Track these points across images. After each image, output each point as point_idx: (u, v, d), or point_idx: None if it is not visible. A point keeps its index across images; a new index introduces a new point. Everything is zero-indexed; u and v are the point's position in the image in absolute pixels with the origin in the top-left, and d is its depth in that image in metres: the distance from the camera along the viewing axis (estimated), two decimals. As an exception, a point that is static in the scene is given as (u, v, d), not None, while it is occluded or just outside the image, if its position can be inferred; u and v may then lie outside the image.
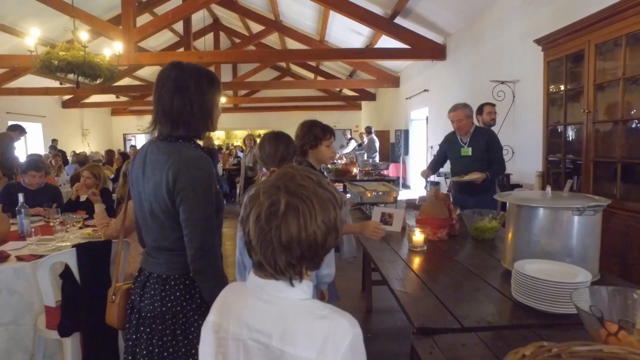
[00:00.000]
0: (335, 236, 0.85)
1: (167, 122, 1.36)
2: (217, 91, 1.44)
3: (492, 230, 2.25)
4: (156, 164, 1.33)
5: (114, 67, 5.65)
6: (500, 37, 5.77)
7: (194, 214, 1.30)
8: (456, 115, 3.76)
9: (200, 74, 1.39)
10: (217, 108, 1.45)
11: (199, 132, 1.41)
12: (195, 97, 1.36)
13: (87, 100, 14.82)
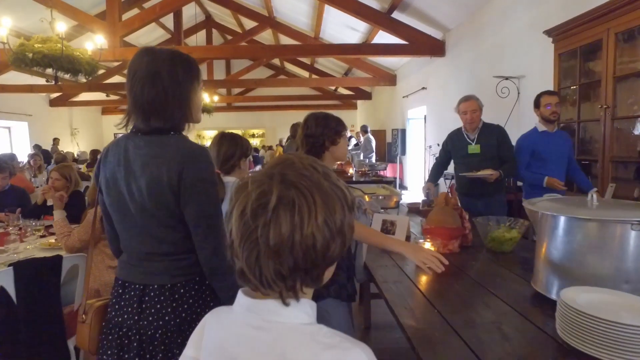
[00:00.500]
0: (340, 244, 0.67)
1: (139, 114, 1.23)
2: (195, 78, 1.29)
3: (512, 241, 1.95)
4: (149, 158, 1.20)
5: (94, 62, 5.30)
6: (503, 30, 5.49)
7: (207, 211, 1.19)
8: (470, 106, 3.39)
9: (173, 59, 1.24)
10: (196, 96, 1.29)
11: (175, 124, 1.25)
12: (169, 84, 1.22)
13: (76, 98, 14.42)
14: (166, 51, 1.26)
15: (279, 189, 0.63)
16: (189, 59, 1.29)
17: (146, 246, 1.25)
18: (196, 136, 18.09)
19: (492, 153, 3.31)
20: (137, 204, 1.21)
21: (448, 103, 7.55)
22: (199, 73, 1.31)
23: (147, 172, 1.19)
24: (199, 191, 1.19)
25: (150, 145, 1.22)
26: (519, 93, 5.17)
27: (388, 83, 11.26)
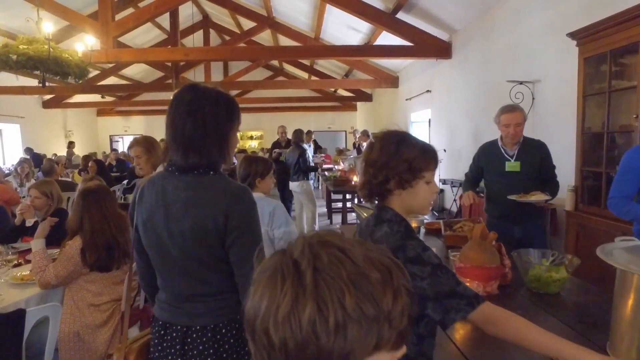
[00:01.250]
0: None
1: (179, 149, 1.23)
2: (234, 119, 1.31)
3: (560, 282, 1.66)
4: (191, 200, 1.20)
5: (84, 64, 5.00)
6: (516, 31, 5.22)
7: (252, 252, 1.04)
8: (515, 118, 2.92)
9: (217, 98, 1.27)
10: (233, 137, 1.31)
11: (212, 161, 1.25)
12: (210, 122, 1.24)
13: (70, 100, 14.09)
14: (211, 90, 1.28)
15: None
16: (231, 101, 1.31)
17: (188, 287, 1.25)
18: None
19: (533, 172, 2.87)
20: (178, 247, 1.20)
21: (454, 107, 7.29)
22: (238, 116, 1.31)
23: (191, 215, 1.18)
24: (245, 232, 1.19)
25: (191, 187, 1.21)
26: (534, 98, 4.90)
27: (390, 85, 10.99)
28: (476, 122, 6.48)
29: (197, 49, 8.15)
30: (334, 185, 5.51)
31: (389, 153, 1.22)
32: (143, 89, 14.28)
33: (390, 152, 1.22)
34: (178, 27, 10.15)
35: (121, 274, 2.18)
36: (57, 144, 14.38)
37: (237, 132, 1.34)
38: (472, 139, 6.65)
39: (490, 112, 6.10)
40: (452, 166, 7.41)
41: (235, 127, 1.31)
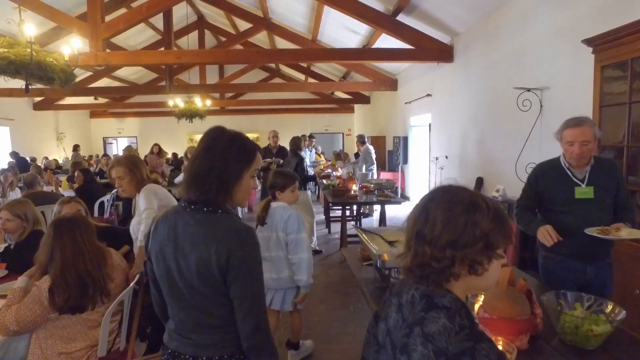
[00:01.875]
0: None
1: (184, 183, 1.32)
2: (246, 163, 1.33)
3: (601, 337, 1.43)
4: (197, 237, 1.25)
5: (70, 69, 4.75)
6: (523, 36, 5.00)
7: (250, 291, 1.26)
8: (582, 134, 2.26)
9: (232, 139, 1.33)
10: (243, 181, 1.32)
11: (210, 199, 1.28)
12: (218, 161, 1.28)
13: (61, 102, 13.78)
14: (231, 132, 1.34)
15: None
16: (247, 144, 1.34)
17: (194, 319, 1.30)
18: (188, 140, 17.51)
19: (608, 199, 2.33)
20: (185, 280, 1.25)
21: (456, 112, 7.08)
22: (253, 160, 1.33)
23: (196, 251, 1.23)
24: (245, 272, 1.23)
25: (199, 224, 1.25)
26: (542, 106, 4.68)
27: (389, 88, 10.78)
28: (480, 128, 6.27)
29: (190, 52, 7.90)
30: (332, 196, 5.26)
31: (456, 227, 0.93)
32: (136, 92, 13.99)
33: (459, 225, 0.93)
34: (172, 28, 9.89)
35: (97, 316, 1.94)
36: (48, 147, 14.08)
37: (252, 176, 1.35)
38: (475, 146, 6.44)
39: (494, 118, 5.92)
40: (453, 173, 7.19)
41: (248, 170, 1.32)
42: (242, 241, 1.24)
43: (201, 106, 11.44)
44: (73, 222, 1.95)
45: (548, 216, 2.43)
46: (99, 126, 17.64)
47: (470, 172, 6.54)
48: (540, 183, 2.47)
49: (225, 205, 1.31)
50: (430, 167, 8.42)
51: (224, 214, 1.29)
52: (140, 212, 2.35)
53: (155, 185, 2.50)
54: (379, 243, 2.27)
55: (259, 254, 1.29)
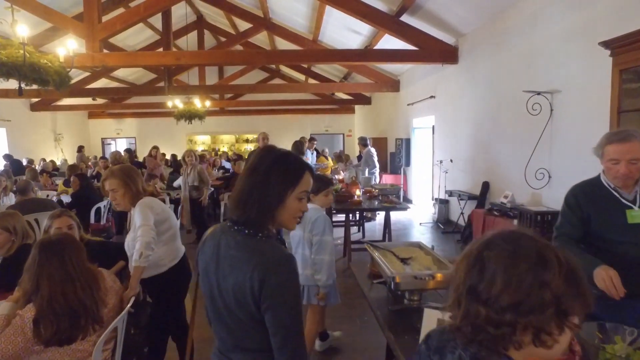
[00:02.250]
0: None
1: (230, 203, 1.30)
2: (290, 184, 1.26)
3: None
4: (235, 261, 1.22)
5: (65, 71, 4.59)
6: (532, 37, 4.86)
7: (285, 322, 1.20)
8: (630, 151, 1.88)
9: (277, 159, 1.28)
10: (287, 203, 1.25)
11: (250, 219, 1.23)
12: (260, 181, 1.24)
13: (59, 102, 13.61)
14: (277, 152, 1.30)
15: None
16: (293, 165, 1.28)
17: (233, 339, 1.29)
18: (187, 141, 17.36)
19: None
20: (224, 301, 1.24)
21: (461, 114, 6.94)
22: (298, 181, 1.27)
23: (234, 274, 1.22)
24: (279, 302, 1.18)
25: (237, 247, 1.24)
26: (552, 110, 4.54)
27: (391, 89, 10.63)
28: (486, 131, 6.13)
29: (189, 53, 7.74)
30: (336, 202, 5.09)
31: (520, 288, 0.76)
32: (134, 93, 13.83)
33: (523, 286, 0.75)
34: (171, 28, 9.72)
35: (88, 346, 1.76)
36: (45, 148, 13.92)
37: (300, 198, 1.27)
38: (481, 149, 6.30)
39: (501, 121, 5.77)
40: (458, 177, 7.05)
41: (292, 191, 1.25)
42: (277, 269, 1.19)
43: (200, 107, 11.27)
44: (61, 245, 1.79)
45: (598, 248, 2.01)
46: (97, 127, 17.48)
47: (476, 176, 6.39)
48: (583, 207, 2.05)
49: (268, 228, 1.26)
50: (433, 170, 8.28)
51: (264, 239, 1.24)
52: (136, 228, 2.19)
53: (152, 199, 2.35)
54: (391, 261, 2.12)
55: (295, 284, 1.22)
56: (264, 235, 1.25)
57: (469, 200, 6.31)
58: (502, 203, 4.77)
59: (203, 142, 17.83)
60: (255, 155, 1.30)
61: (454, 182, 7.16)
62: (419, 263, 2.14)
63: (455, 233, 6.70)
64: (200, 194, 6.14)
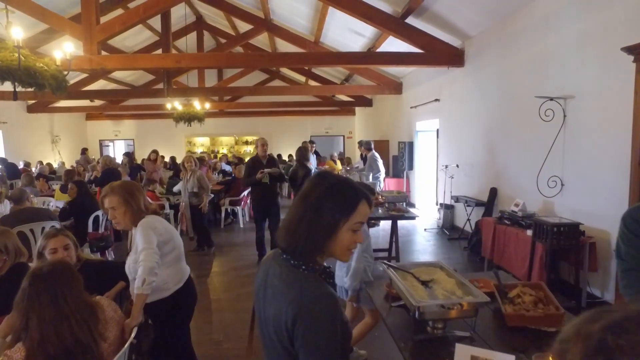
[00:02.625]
0: None
1: (280, 230, 1.24)
2: (344, 215, 1.16)
3: None
4: (277, 291, 1.19)
5: (62, 75, 4.43)
6: (544, 40, 4.72)
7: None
8: None
9: (331, 187, 1.20)
10: (339, 234, 1.16)
11: (299, 250, 1.17)
12: (310, 208, 1.17)
13: (56, 104, 13.43)
14: (332, 179, 1.22)
15: None
16: (348, 194, 1.19)
17: None
18: (186, 143, 17.19)
19: None
20: (267, 329, 1.22)
21: (467, 118, 6.80)
22: (352, 212, 1.18)
23: (274, 305, 1.18)
24: (310, 344, 1.10)
25: (281, 278, 1.19)
26: (565, 116, 4.40)
27: (393, 91, 10.49)
28: (493, 136, 5.99)
29: (189, 55, 7.58)
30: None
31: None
32: (132, 95, 13.66)
33: None
34: (170, 29, 9.57)
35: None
36: (43, 151, 13.73)
37: (354, 230, 1.18)
38: (488, 155, 6.16)
39: (510, 127, 5.63)
40: (464, 182, 6.91)
41: (345, 222, 1.16)
42: (312, 308, 1.10)
43: (200, 109, 11.11)
44: (53, 279, 1.61)
45: None
46: (96, 129, 17.29)
47: (484, 182, 6.25)
48: None
49: (315, 260, 1.19)
50: (438, 174, 8.14)
51: (306, 272, 1.17)
52: (138, 250, 2.04)
53: (154, 218, 2.19)
54: (412, 285, 1.97)
55: (329, 327, 1.11)
56: (308, 268, 1.18)
57: (476, 207, 6.17)
58: (513, 212, 4.63)
59: (202, 143, 17.66)
60: (308, 182, 1.24)
61: (459, 187, 7.02)
62: (441, 287, 1.99)
63: (461, 240, 6.56)
64: (200, 201, 5.98)
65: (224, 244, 6.75)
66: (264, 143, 5.71)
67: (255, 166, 5.53)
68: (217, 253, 6.24)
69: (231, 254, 6.21)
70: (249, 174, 5.55)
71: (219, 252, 6.28)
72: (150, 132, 16.95)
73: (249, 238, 7.26)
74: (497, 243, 4.68)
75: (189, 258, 5.98)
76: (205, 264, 5.75)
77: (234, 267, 5.61)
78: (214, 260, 5.94)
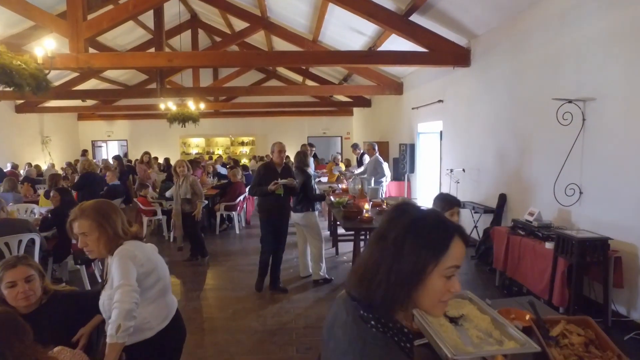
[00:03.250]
0: None
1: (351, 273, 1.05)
2: (432, 254, 0.93)
3: None
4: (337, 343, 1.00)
5: (42, 73, 4.09)
6: (560, 39, 4.43)
7: None
8: None
9: (412, 220, 0.97)
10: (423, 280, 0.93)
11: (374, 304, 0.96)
12: (390, 251, 0.95)
13: (46, 104, 13.03)
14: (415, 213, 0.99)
15: None
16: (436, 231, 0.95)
17: None
18: (181, 144, 16.82)
19: None
20: None
21: (473, 121, 6.50)
22: (444, 252, 0.93)
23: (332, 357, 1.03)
24: None
25: (345, 328, 1.01)
26: (585, 119, 4.11)
27: (394, 92, 10.18)
28: (502, 140, 5.70)
29: (182, 54, 7.25)
30: (344, 219, 4.62)
31: None
32: (125, 95, 13.29)
33: None
34: (163, 27, 9.22)
35: None
36: (32, 152, 13.33)
37: (447, 276, 0.96)
38: (496, 159, 5.87)
39: (522, 130, 5.32)
40: (470, 187, 6.61)
41: (435, 266, 0.93)
42: None
43: (194, 109, 10.77)
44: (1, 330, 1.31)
45: None
46: (88, 129, 16.89)
47: (492, 188, 5.96)
48: None
49: (391, 316, 0.97)
50: (441, 178, 7.85)
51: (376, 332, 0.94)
52: (114, 285, 1.69)
53: (135, 245, 1.83)
54: (439, 323, 1.67)
55: None
56: (379, 324, 0.95)
57: (484, 214, 5.87)
58: (528, 221, 4.34)
59: (197, 144, 17.30)
60: (385, 218, 1.02)
61: (465, 192, 6.72)
62: (474, 326, 1.66)
63: (468, 248, 6.25)
64: (194, 208, 5.64)
65: (219, 252, 6.42)
66: (282, 149, 4.71)
67: (268, 174, 4.61)
68: (211, 263, 5.91)
69: (227, 264, 5.88)
70: (259, 182, 4.60)
71: (214, 262, 5.95)
72: (144, 132, 16.58)
73: (245, 245, 6.93)
74: (510, 255, 4.38)
75: (181, 269, 5.68)
76: (198, 275, 5.42)
77: (230, 279, 5.28)
78: (208, 272, 5.60)
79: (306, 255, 5.07)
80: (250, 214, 8.80)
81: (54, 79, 11.46)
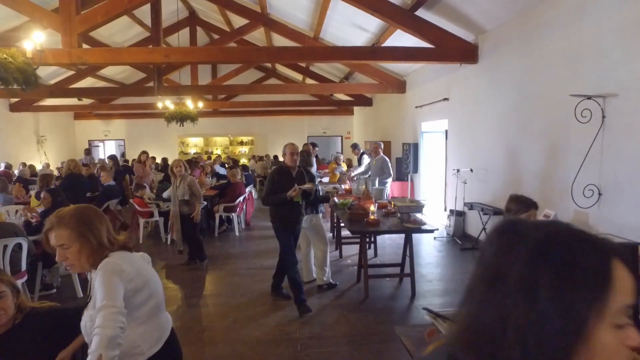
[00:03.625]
0: None
1: (455, 333, 0.66)
2: (590, 296, 0.57)
3: None
4: None
5: (31, 68, 3.86)
6: (577, 33, 4.22)
7: None
8: None
9: (536, 244, 0.60)
10: (584, 336, 0.57)
11: None
12: (514, 302, 0.59)
13: (41, 102, 12.78)
14: (539, 232, 0.62)
15: None
16: (580, 255, 0.58)
17: None
18: (179, 143, 16.58)
19: None
20: None
21: (481, 118, 6.30)
22: (606, 291, 0.57)
23: None
24: None
25: None
26: (605, 117, 3.89)
27: (397, 90, 9.97)
28: (512, 139, 5.49)
29: (180, 50, 7.01)
30: (349, 222, 4.40)
31: None
32: (121, 94, 13.05)
33: None
34: (161, 23, 9.00)
35: None
36: (27, 152, 13.08)
37: (619, 324, 0.58)
38: (506, 159, 5.65)
39: (533, 128, 5.10)
40: (478, 187, 6.39)
41: (600, 313, 0.57)
42: None
43: (192, 108, 10.53)
44: None
45: None
46: (84, 128, 16.65)
47: (501, 189, 5.73)
48: None
49: None
50: (447, 178, 7.63)
51: None
52: (97, 305, 1.45)
53: (122, 257, 1.59)
54: None
55: None
56: None
57: (493, 215, 5.65)
58: (543, 224, 4.12)
59: (195, 144, 17.07)
60: (488, 247, 0.66)
61: (472, 193, 6.51)
62: None
63: (475, 250, 6.04)
64: (192, 209, 5.41)
65: (218, 256, 6.19)
66: (294, 151, 4.19)
67: (284, 180, 4.12)
68: (210, 267, 5.68)
69: (226, 268, 5.65)
70: (274, 189, 4.11)
71: (213, 266, 5.71)
72: (141, 132, 16.35)
73: (245, 248, 6.71)
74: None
75: (178, 273, 5.43)
76: (196, 281, 5.19)
77: (230, 284, 5.05)
78: (207, 276, 5.37)
79: (309, 259, 4.85)
80: (250, 215, 8.57)
81: (49, 77, 11.24)
